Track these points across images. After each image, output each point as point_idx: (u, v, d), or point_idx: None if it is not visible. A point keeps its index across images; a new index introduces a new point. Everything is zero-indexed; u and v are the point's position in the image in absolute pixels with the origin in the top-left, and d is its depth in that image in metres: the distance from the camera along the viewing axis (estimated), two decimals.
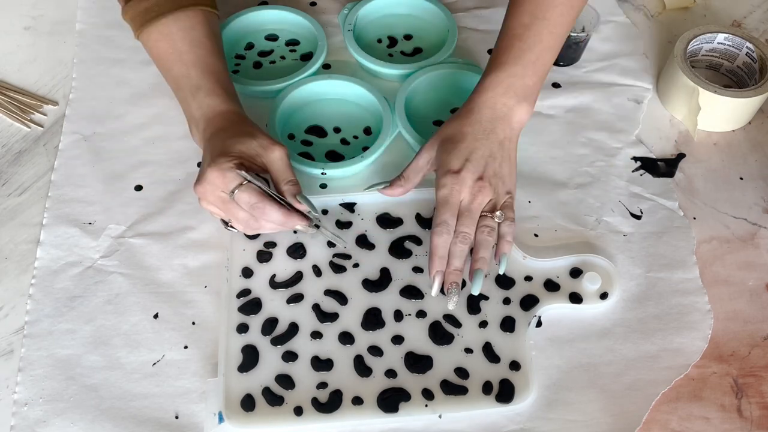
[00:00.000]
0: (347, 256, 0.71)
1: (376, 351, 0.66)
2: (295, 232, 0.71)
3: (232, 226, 0.69)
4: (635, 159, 0.80)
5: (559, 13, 0.71)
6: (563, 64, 0.88)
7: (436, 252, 0.67)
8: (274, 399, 0.63)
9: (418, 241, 0.72)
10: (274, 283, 0.69)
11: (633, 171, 0.79)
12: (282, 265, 0.70)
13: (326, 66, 0.86)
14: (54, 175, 0.77)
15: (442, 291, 0.67)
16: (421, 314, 0.68)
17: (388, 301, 0.68)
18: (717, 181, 0.79)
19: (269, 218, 0.65)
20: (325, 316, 0.67)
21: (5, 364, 0.65)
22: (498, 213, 0.68)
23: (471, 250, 0.68)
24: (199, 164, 0.77)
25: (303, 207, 0.67)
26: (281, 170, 0.67)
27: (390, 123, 0.78)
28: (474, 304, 0.68)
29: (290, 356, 0.65)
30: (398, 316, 0.67)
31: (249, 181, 0.64)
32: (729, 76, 0.88)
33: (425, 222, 0.73)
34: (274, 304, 0.68)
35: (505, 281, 0.70)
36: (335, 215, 0.74)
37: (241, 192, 0.64)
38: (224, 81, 0.72)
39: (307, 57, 0.86)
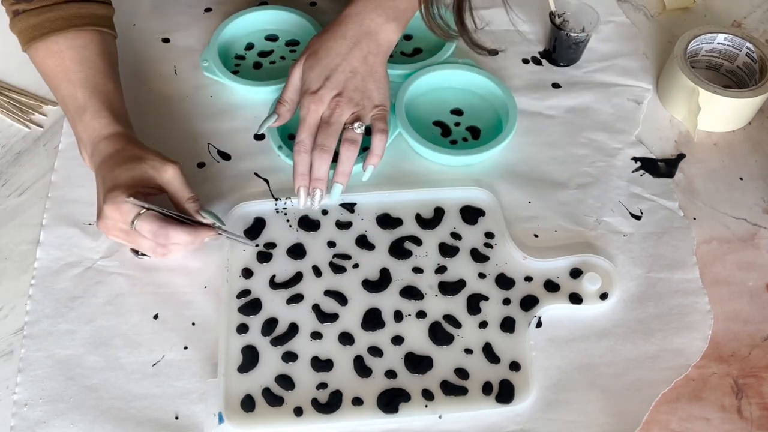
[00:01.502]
0: (347, 257, 0.71)
1: (376, 351, 0.65)
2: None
3: (143, 254, 0.69)
4: (635, 159, 0.80)
5: None
6: (563, 64, 0.88)
7: (296, 169, 0.70)
8: (274, 399, 0.63)
9: (418, 242, 0.72)
10: (274, 284, 0.69)
11: (633, 171, 0.79)
12: (282, 266, 0.70)
13: None
14: (54, 176, 0.76)
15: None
16: (421, 315, 0.68)
17: (388, 301, 0.68)
18: (717, 181, 0.79)
19: (175, 240, 0.65)
20: (324, 317, 0.67)
21: (5, 364, 0.65)
22: (356, 124, 0.70)
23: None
24: (200, 164, 0.78)
25: (208, 220, 0.67)
26: (179, 189, 0.67)
27: (390, 123, 0.78)
28: (474, 304, 0.68)
29: (290, 357, 0.65)
30: (398, 316, 0.67)
31: (147, 209, 0.63)
32: (729, 77, 0.87)
33: (425, 222, 0.73)
34: (274, 304, 0.68)
35: (505, 282, 0.70)
36: (335, 215, 0.74)
37: (140, 221, 0.63)
38: (113, 101, 0.70)
39: None
